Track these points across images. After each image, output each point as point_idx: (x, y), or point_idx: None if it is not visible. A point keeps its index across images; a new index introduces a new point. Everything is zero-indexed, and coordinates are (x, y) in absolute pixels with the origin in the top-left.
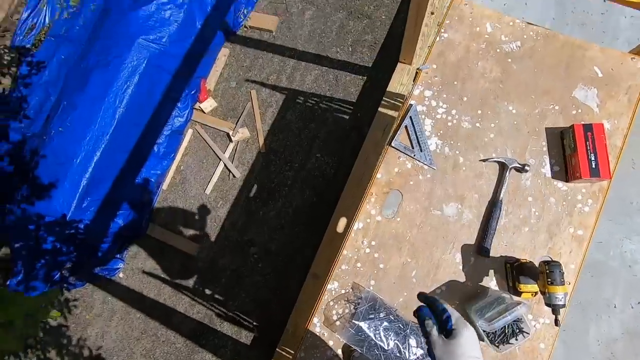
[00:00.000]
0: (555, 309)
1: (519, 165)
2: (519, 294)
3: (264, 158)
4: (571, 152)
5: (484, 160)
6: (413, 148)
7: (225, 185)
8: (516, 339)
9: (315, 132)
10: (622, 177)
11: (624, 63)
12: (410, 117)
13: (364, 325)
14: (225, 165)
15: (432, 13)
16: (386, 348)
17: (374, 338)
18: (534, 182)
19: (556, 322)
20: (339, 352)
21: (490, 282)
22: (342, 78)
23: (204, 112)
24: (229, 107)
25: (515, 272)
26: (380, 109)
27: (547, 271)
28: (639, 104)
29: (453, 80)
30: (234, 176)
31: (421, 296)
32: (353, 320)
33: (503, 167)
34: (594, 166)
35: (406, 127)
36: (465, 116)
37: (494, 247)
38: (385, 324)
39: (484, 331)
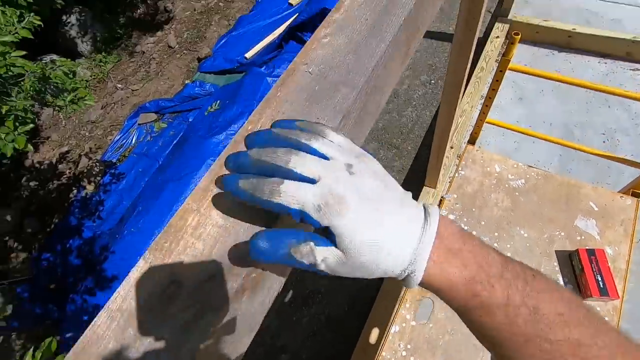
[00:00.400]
0: None
1: None
2: None
3: None
4: (580, 273)
5: None
6: None
7: None
8: None
9: None
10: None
11: (614, 200)
12: None
13: None
14: None
15: (452, 147)
16: None
17: None
18: None
19: None
20: None
21: None
22: None
23: None
24: None
25: None
26: None
27: None
28: (634, 234)
29: (471, 207)
30: None
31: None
32: None
33: None
34: (602, 286)
35: None
36: (484, 237)
37: None
38: None
39: None
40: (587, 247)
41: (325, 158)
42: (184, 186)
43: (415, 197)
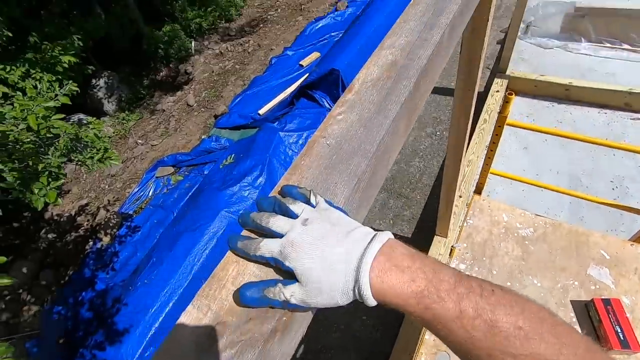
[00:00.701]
0: None
1: None
2: None
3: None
4: (598, 324)
5: None
6: None
7: None
8: None
9: None
10: None
11: (625, 248)
12: None
13: None
14: None
15: (460, 196)
16: None
17: None
18: None
19: None
20: None
21: None
22: None
23: None
24: None
25: None
26: None
27: None
28: None
29: (482, 256)
30: None
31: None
32: None
33: None
34: (622, 338)
35: None
36: None
37: None
38: None
39: None
40: (602, 297)
41: (296, 216)
42: (198, 237)
43: (427, 246)
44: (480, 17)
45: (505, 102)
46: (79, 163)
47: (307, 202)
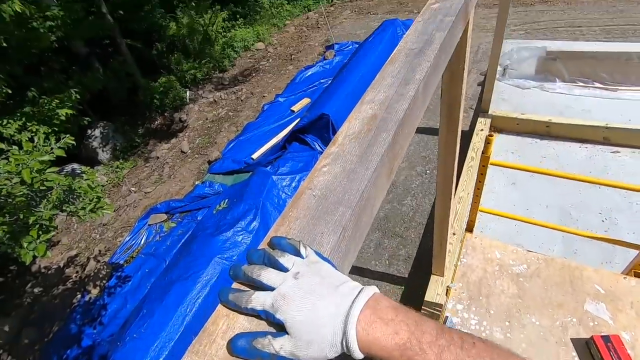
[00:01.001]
0: None
1: None
2: None
3: None
4: None
5: None
6: None
7: None
8: None
9: None
10: None
11: (619, 282)
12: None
13: None
14: None
15: (454, 234)
16: None
17: None
18: None
19: None
20: None
21: None
22: (382, 288)
23: None
24: None
25: None
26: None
27: None
28: None
29: (478, 295)
30: None
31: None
32: None
33: None
34: None
35: None
36: (495, 327)
37: None
38: None
39: None
40: (602, 334)
41: (286, 270)
42: (191, 285)
43: (424, 285)
44: (457, 66)
45: (487, 142)
46: (71, 214)
47: (297, 253)
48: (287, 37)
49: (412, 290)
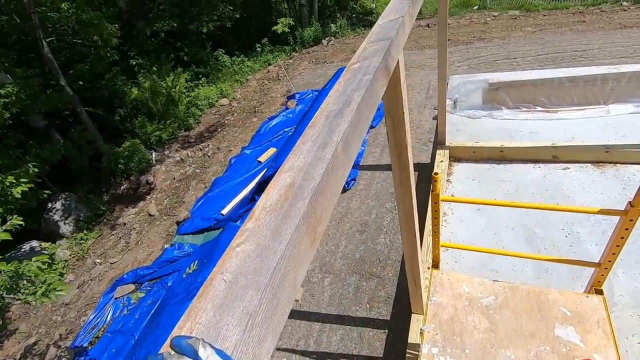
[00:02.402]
0: None
1: None
2: None
3: None
4: None
5: None
6: None
7: None
8: None
9: None
10: None
11: (582, 301)
12: None
13: None
14: None
15: (429, 268)
16: None
17: None
18: None
19: None
20: None
21: None
22: (366, 334)
23: None
24: None
25: None
26: None
27: None
28: (614, 334)
29: (452, 335)
30: None
31: None
32: None
33: None
34: None
35: None
36: None
37: None
38: None
39: None
40: (576, 359)
41: None
42: None
43: (407, 326)
44: (396, 111)
45: (434, 181)
46: (19, 301)
47: (195, 355)
48: (250, 91)
49: (395, 334)
